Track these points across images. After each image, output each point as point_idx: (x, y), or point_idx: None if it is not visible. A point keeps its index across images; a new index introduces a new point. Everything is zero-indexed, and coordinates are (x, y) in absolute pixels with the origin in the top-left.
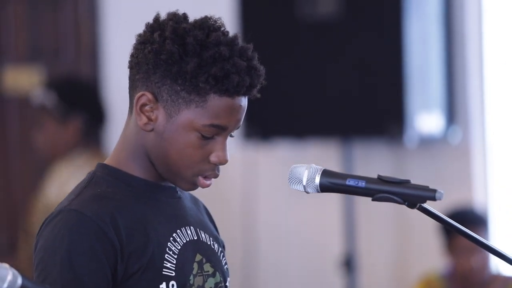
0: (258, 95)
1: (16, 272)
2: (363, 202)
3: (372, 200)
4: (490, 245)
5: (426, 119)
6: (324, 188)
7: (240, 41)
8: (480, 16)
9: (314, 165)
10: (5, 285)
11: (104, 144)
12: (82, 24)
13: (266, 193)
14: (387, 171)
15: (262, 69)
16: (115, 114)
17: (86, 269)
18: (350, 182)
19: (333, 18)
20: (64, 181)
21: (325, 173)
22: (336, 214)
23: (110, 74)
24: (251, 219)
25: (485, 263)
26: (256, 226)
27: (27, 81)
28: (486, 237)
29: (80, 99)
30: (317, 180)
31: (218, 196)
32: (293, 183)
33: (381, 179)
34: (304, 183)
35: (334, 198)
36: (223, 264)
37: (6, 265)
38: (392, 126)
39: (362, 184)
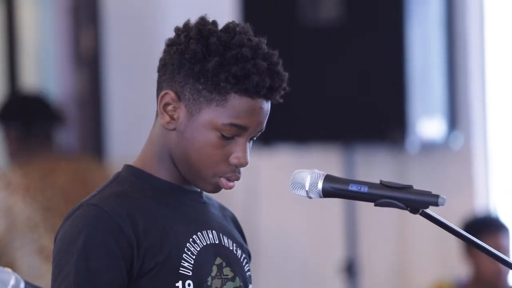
0: (281, 100)
1: (18, 276)
2: (365, 207)
3: (375, 205)
4: (495, 252)
5: (427, 125)
6: (326, 193)
7: (265, 47)
8: (482, 21)
9: (317, 170)
10: None
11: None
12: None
13: (267, 198)
14: (389, 177)
15: (285, 74)
16: (115, 121)
17: (101, 262)
18: (353, 188)
19: (335, 23)
20: None
21: (328, 179)
22: (338, 219)
23: (109, 80)
24: (252, 224)
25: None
26: (258, 231)
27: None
28: (508, 243)
29: (10, 111)
30: (320, 185)
31: (219, 200)
32: (295, 188)
33: (383, 185)
34: (307, 188)
35: (336, 203)
36: (246, 270)
37: (9, 270)
38: (394, 132)
39: (364, 189)
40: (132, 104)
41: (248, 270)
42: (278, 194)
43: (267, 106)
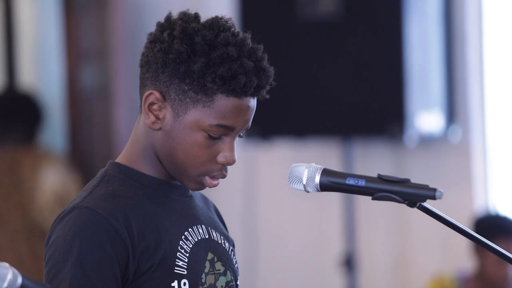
0: (267, 96)
1: (16, 271)
2: (364, 201)
3: (372, 199)
4: (495, 247)
5: (426, 118)
6: (324, 187)
7: (250, 42)
8: (480, 15)
9: (314, 164)
10: (5, 284)
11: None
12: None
13: (266, 192)
14: (387, 170)
15: (271, 70)
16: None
17: (96, 267)
18: (350, 181)
19: (333, 18)
20: None
21: (325, 172)
22: (336, 213)
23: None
24: (251, 218)
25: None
26: (256, 225)
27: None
28: None
29: None
30: (317, 179)
31: (218, 195)
32: (293, 182)
33: (381, 178)
34: (304, 182)
35: (334, 197)
36: (234, 262)
37: (6, 264)
38: (392, 125)
39: (362, 183)
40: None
41: (236, 262)
42: (277, 188)
43: (253, 103)
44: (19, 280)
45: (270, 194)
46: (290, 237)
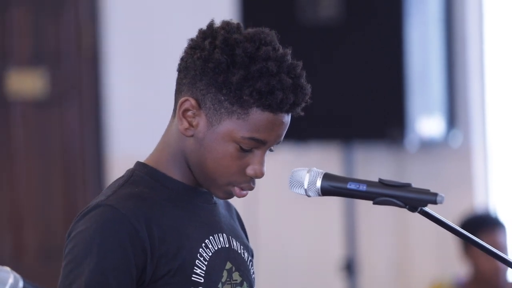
0: (302, 113)
1: (17, 275)
2: (364, 206)
3: (373, 203)
4: (493, 250)
5: (427, 123)
6: (325, 191)
7: (290, 58)
8: (481, 20)
9: (315, 168)
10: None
11: None
12: (84, 28)
13: (267, 197)
14: (389, 175)
15: (308, 88)
16: (116, 119)
17: (113, 266)
18: (351, 186)
19: (334, 21)
20: None
21: (326, 177)
22: (337, 218)
23: (111, 78)
24: (252, 223)
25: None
26: (257, 229)
27: (30, 84)
28: (505, 240)
29: None
30: (318, 183)
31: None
32: (294, 186)
33: (382, 183)
34: (305, 186)
35: (335, 202)
36: (251, 273)
37: (7, 268)
38: (393, 130)
39: (363, 187)
40: (136, 103)
41: (253, 273)
42: (278, 193)
43: (287, 119)
44: (20, 284)
45: (271, 198)
46: (291, 241)
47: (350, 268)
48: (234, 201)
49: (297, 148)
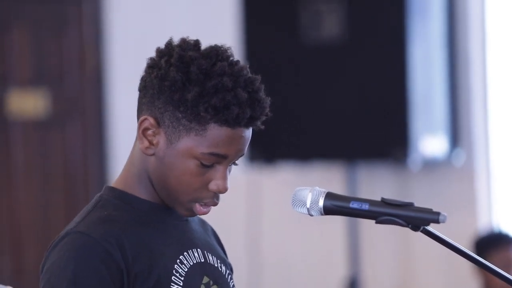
0: (262, 127)
1: None
2: (368, 225)
3: (376, 222)
4: (496, 269)
5: (430, 142)
6: (327, 211)
7: (247, 72)
8: (484, 39)
9: (317, 187)
10: None
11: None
12: (87, 49)
13: (270, 216)
14: (392, 194)
15: (267, 101)
16: (119, 140)
17: None
18: (354, 205)
19: (337, 41)
20: None
21: (329, 196)
22: (341, 237)
23: (114, 98)
24: (255, 242)
25: None
26: (260, 249)
27: (32, 105)
28: None
29: None
30: (321, 203)
31: (222, 218)
32: (296, 206)
33: (384, 202)
34: (308, 205)
35: (338, 221)
36: (231, 286)
37: None
38: (396, 149)
39: (365, 206)
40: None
41: (233, 286)
42: (281, 212)
43: (247, 133)
44: None
45: (274, 217)
46: (294, 261)
47: (354, 287)
48: (236, 221)
49: (300, 167)
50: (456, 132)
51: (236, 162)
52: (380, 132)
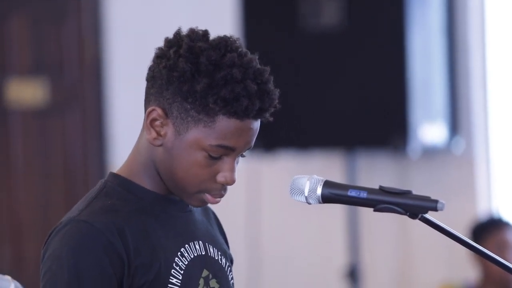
0: (271, 119)
1: (18, 284)
2: (367, 213)
3: (374, 210)
4: (494, 257)
5: (429, 130)
6: (326, 199)
7: (256, 64)
8: (483, 26)
9: (316, 176)
10: None
11: None
12: (86, 39)
13: (269, 204)
14: (391, 182)
15: (276, 93)
16: (118, 129)
17: (93, 281)
18: (352, 193)
19: (336, 30)
20: None
21: (327, 184)
22: (340, 225)
23: (113, 87)
24: (254, 230)
25: None
26: (259, 237)
27: (31, 94)
28: None
29: None
30: (319, 191)
31: (221, 206)
32: (294, 194)
33: (382, 190)
34: (306, 194)
35: (337, 209)
36: (229, 279)
37: (8, 277)
38: (395, 137)
39: (363, 194)
40: (138, 113)
41: (232, 279)
42: (280, 200)
43: (256, 125)
44: None
45: (273, 206)
46: (293, 249)
47: (353, 275)
48: (235, 210)
49: (299, 155)
50: (456, 120)
51: (244, 154)
52: (380, 120)
